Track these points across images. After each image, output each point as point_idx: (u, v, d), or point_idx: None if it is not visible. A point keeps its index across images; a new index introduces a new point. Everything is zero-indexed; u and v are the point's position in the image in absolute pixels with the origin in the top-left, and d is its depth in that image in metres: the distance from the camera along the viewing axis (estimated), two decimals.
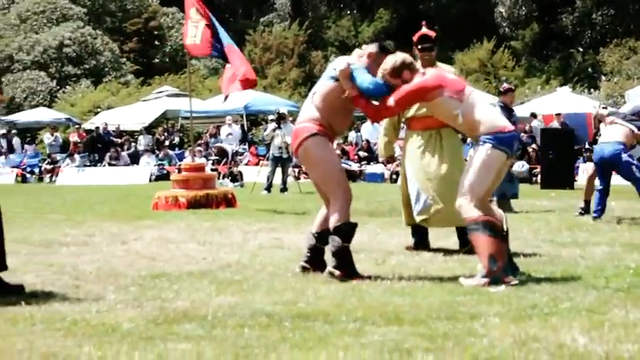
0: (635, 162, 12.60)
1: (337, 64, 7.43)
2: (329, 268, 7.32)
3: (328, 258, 7.51)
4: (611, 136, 12.67)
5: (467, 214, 7.16)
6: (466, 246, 9.06)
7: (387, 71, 7.29)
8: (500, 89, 15.36)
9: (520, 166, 14.52)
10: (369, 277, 7.23)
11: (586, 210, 13.18)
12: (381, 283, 7.02)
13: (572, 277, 7.27)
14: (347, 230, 7.32)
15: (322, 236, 7.61)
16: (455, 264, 8.25)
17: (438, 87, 7.25)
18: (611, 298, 6.30)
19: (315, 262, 7.68)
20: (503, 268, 7.06)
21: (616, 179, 13.20)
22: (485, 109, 7.40)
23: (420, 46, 9.06)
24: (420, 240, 9.48)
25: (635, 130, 12.68)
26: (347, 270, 7.25)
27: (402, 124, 9.67)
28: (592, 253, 8.79)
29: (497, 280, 6.92)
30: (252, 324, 5.55)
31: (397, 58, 7.36)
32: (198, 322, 5.64)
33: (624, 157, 12.35)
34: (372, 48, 7.63)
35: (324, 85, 7.51)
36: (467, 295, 6.44)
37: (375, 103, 7.36)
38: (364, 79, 7.26)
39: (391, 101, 7.24)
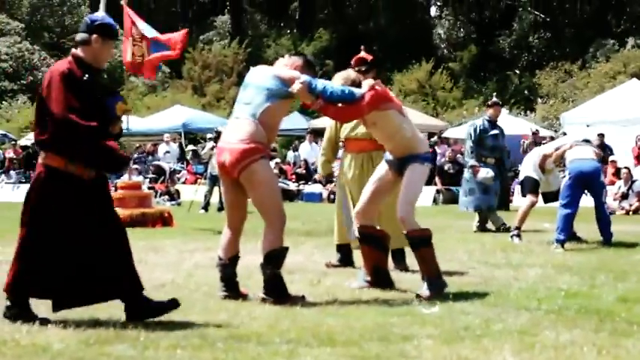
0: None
1: (295, 86, 7.27)
2: (261, 294, 7.24)
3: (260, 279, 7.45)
4: (584, 154, 12.09)
5: (411, 227, 7.55)
6: (400, 265, 9.12)
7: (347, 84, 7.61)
8: (488, 103, 15.79)
9: (485, 172, 14.59)
10: (303, 298, 7.22)
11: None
12: (314, 304, 7.02)
13: (504, 299, 7.35)
14: (280, 256, 7.27)
15: (233, 262, 7.51)
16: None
17: (391, 100, 7.67)
18: (543, 320, 6.38)
19: (233, 288, 7.48)
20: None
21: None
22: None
23: (357, 69, 9.12)
24: (344, 258, 9.58)
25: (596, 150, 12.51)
26: (279, 295, 7.18)
27: (339, 144, 9.79)
28: (525, 275, 8.88)
29: (442, 287, 7.54)
30: (185, 345, 5.52)
31: (351, 73, 7.85)
32: (131, 342, 5.59)
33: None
34: (299, 61, 7.64)
35: (267, 103, 7.28)
36: (400, 317, 6.47)
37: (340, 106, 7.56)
38: (335, 86, 7.47)
39: (365, 100, 7.45)
